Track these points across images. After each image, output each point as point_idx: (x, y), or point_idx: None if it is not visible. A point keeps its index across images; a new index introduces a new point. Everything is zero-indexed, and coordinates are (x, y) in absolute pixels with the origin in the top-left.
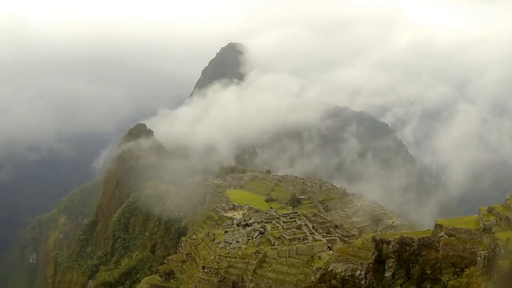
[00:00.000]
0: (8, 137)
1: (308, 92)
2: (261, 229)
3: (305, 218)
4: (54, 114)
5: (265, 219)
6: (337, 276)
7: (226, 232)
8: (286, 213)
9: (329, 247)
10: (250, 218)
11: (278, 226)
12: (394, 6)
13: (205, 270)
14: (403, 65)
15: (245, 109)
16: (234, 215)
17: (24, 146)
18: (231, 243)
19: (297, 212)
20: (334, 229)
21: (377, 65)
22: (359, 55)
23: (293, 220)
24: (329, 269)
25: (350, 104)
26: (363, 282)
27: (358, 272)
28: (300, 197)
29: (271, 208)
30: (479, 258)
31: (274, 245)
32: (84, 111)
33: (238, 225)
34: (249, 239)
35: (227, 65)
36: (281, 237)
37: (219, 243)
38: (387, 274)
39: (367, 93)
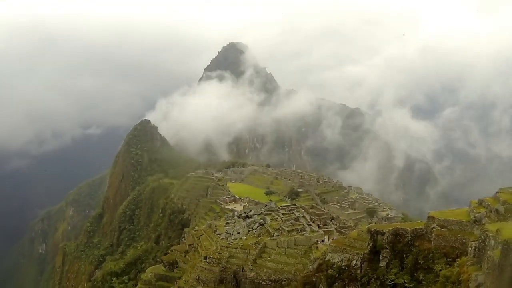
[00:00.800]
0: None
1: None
2: (261, 220)
3: (303, 210)
4: (72, 109)
5: (264, 211)
6: (334, 266)
7: (227, 223)
8: (284, 206)
9: (322, 240)
10: (250, 210)
11: (277, 218)
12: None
13: (207, 260)
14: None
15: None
16: (235, 207)
17: (34, 141)
18: (232, 234)
19: (295, 205)
20: (331, 220)
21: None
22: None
23: (291, 212)
24: (326, 259)
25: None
26: (358, 271)
27: (354, 262)
28: (298, 190)
29: (270, 200)
30: (470, 249)
31: (273, 236)
32: (101, 107)
33: (238, 217)
34: (250, 231)
35: (228, 64)
36: (280, 228)
37: (221, 234)
38: (382, 264)
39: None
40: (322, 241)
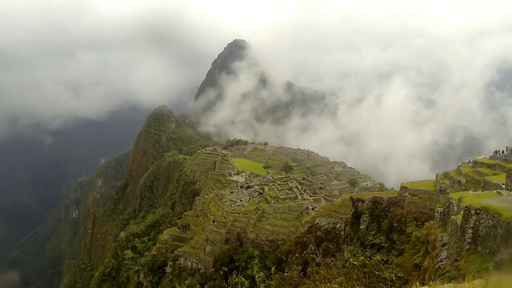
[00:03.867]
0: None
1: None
2: (260, 190)
3: (295, 181)
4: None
5: (263, 182)
6: (322, 228)
7: (231, 192)
8: (280, 177)
9: (313, 207)
10: (251, 181)
11: (274, 188)
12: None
13: (215, 223)
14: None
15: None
16: (238, 179)
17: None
18: (236, 202)
19: (289, 176)
20: (319, 190)
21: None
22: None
23: (286, 182)
24: (315, 223)
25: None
26: (342, 233)
27: (339, 225)
28: (292, 164)
29: (268, 173)
30: (437, 214)
31: (270, 203)
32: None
33: (241, 187)
34: (250, 198)
35: (232, 58)
36: (276, 196)
37: (226, 201)
38: (362, 226)
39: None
40: (314, 208)
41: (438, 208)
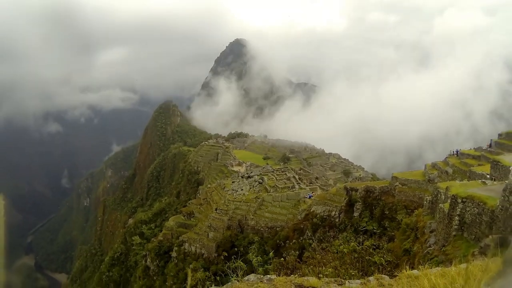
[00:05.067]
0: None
1: None
2: (260, 180)
3: (293, 172)
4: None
5: (263, 172)
6: (317, 216)
7: (233, 182)
8: (279, 168)
9: (310, 196)
10: (251, 172)
11: (272, 178)
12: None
13: (217, 211)
14: None
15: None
16: (239, 169)
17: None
18: (237, 191)
19: (287, 167)
20: (315, 180)
21: None
22: None
23: (284, 173)
24: (311, 210)
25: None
26: (337, 220)
27: (333, 212)
28: (290, 155)
29: (267, 164)
30: (425, 202)
31: (269, 192)
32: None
33: (242, 177)
34: (251, 188)
35: (234, 56)
36: (275, 186)
37: (228, 190)
38: (355, 214)
39: None
40: (310, 196)
41: (427, 197)
